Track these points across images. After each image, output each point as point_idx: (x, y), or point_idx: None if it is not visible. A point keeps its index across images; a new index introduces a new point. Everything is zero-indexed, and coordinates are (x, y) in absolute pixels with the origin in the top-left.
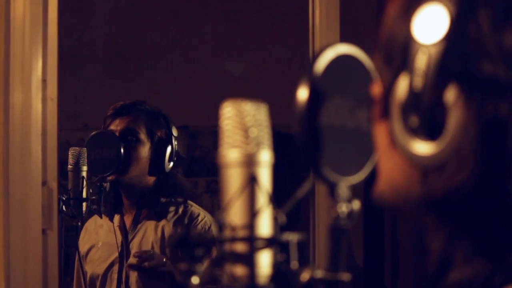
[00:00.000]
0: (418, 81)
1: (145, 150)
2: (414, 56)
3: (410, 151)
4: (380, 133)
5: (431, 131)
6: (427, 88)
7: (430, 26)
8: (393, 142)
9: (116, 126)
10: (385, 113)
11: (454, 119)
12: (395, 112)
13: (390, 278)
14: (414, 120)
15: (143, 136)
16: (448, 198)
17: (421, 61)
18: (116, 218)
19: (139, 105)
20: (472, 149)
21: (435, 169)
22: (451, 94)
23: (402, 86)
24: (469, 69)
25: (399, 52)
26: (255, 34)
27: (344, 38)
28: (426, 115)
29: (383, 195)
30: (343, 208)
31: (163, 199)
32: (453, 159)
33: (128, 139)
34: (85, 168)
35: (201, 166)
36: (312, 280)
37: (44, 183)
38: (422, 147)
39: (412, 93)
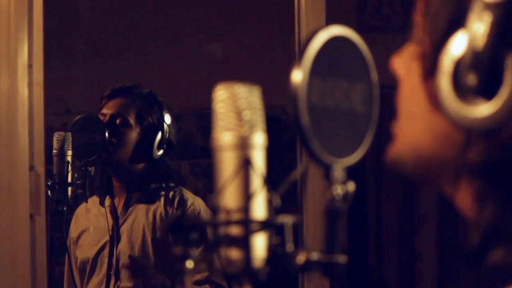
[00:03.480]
0: (480, 40)
1: (133, 135)
2: (476, 14)
3: (460, 113)
4: (415, 96)
5: (487, 93)
6: (489, 48)
7: None
8: (436, 104)
9: (108, 108)
10: (430, 73)
11: None
12: (447, 70)
13: (374, 257)
14: (471, 78)
15: (132, 120)
16: (505, 164)
17: (485, 20)
18: (107, 201)
19: (135, 89)
20: None
21: (487, 132)
22: None
23: (457, 44)
24: None
25: (452, 10)
26: (240, 15)
27: (330, 19)
28: (485, 75)
29: (399, 159)
30: (338, 190)
31: (154, 185)
32: (510, 123)
33: (116, 123)
34: (70, 152)
35: (184, 149)
36: (307, 262)
37: (31, 168)
38: (475, 109)
39: (472, 52)
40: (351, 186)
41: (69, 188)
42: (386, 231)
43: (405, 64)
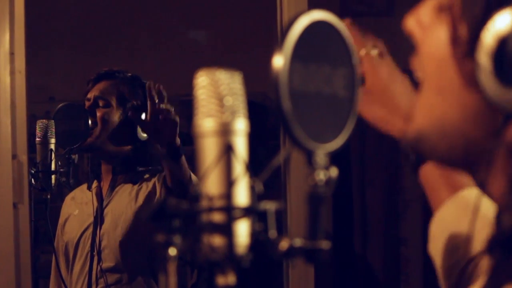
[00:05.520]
0: None
1: (115, 117)
2: None
3: (502, 95)
4: (446, 73)
5: None
6: None
7: None
8: (473, 83)
9: (93, 92)
10: (468, 53)
11: None
12: (489, 47)
13: (359, 242)
14: None
15: (113, 102)
16: None
17: None
18: (94, 184)
19: (118, 72)
20: None
21: None
22: None
23: (501, 23)
24: None
25: None
26: (223, 2)
27: (313, 4)
28: None
29: (422, 134)
30: (321, 175)
31: (140, 168)
32: None
33: (99, 105)
34: (53, 140)
35: None
36: (290, 248)
37: (14, 156)
38: None
39: None
40: (333, 172)
41: (53, 176)
42: (371, 216)
43: (421, 26)
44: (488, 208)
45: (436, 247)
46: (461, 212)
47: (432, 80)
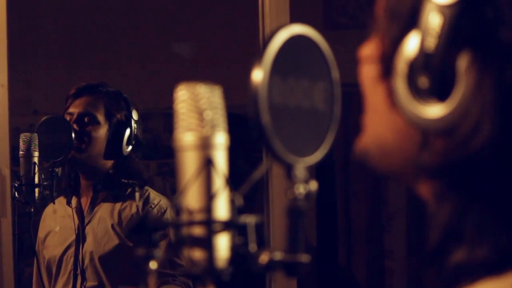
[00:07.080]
0: (431, 42)
1: (102, 132)
2: (427, 15)
3: (415, 113)
4: (376, 93)
5: (440, 94)
6: (440, 50)
7: None
8: (394, 103)
9: (75, 107)
10: (387, 72)
11: (466, 83)
12: (401, 71)
13: (344, 254)
14: (423, 81)
15: (100, 117)
16: (461, 164)
17: (435, 22)
18: (74, 201)
19: (101, 86)
20: (487, 114)
21: (442, 133)
22: (465, 58)
23: (410, 45)
24: (485, 35)
25: (408, 9)
26: (205, 15)
27: (296, 17)
28: (437, 77)
29: (366, 152)
30: (301, 189)
31: (121, 183)
32: (465, 124)
33: (84, 122)
34: (36, 153)
35: (152, 149)
36: (271, 262)
37: None
38: (429, 110)
39: (423, 54)
40: (313, 185)
41: (36, 190)
42: (355, 229)
43: (368, 54)
44: None
45: None
46: None
47: (369, 100)
